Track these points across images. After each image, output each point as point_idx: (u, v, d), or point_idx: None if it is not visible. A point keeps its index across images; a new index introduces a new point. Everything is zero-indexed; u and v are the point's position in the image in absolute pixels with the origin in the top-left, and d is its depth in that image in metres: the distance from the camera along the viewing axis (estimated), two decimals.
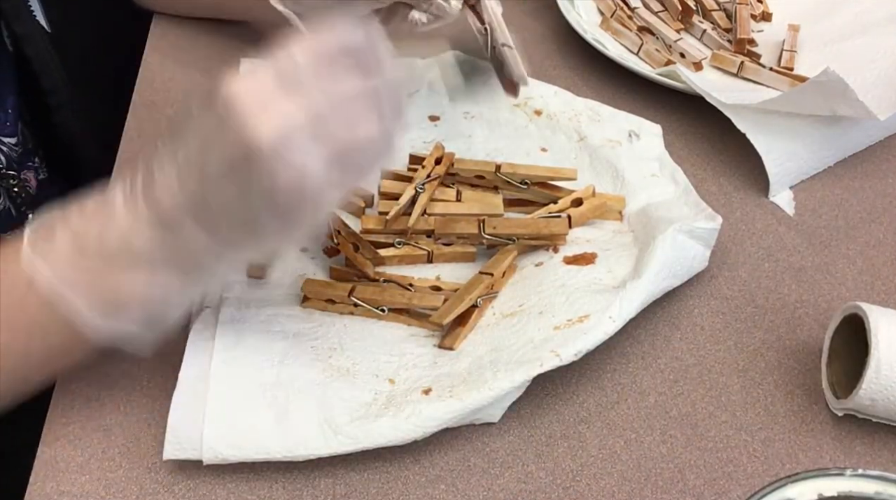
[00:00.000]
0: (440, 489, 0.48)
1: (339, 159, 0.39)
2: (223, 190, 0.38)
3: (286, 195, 0.38)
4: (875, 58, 0.72)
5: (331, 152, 0.38)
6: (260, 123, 0.36)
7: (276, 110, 0.37)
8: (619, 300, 0.51)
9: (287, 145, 0.37)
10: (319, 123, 0.38)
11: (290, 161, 0.37)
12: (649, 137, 0.67)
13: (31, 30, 0.61)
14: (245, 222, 0.40)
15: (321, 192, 0.38)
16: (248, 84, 0.37)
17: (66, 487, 0.47)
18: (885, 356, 0.47)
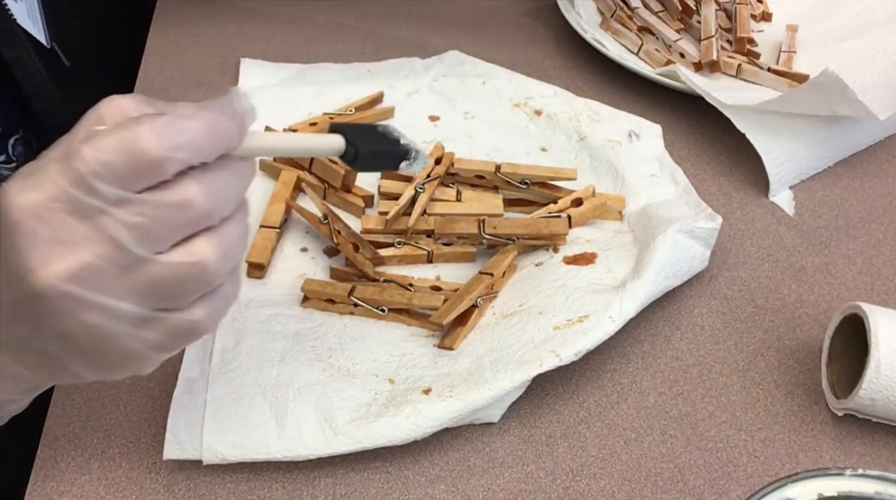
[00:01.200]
0: (440, 489, 0.48)
1: (150, 297, 0.32)
2: (13, 327, 0.33)
3: (84, 340, 0.32)
4: (875, 58, 0.72)
5: (137, 290, 0.32)
6: (45, 258, 0.30)
7: (67, 241, 0.30)
8: (619, 300, 0.51)
9: (80, 286, 0.31)
10: (124, 254, 0.31)
11: (84, 304, 0.31)
12: (649, 137, 0.67)
13: (22, 53, 0.60)
14: (50, 358, 0.34)
15: (131, 335, 0.33)
16: (35, 199, 0.30)
17: (66, 487, 0.47)
18: (885, 356, 0.47)
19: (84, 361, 0.34)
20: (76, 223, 0.31)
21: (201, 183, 0.32)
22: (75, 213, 0.30)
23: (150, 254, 0.32)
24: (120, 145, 0.30)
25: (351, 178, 0.61)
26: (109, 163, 0.30)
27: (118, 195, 0.30)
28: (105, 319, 0.32)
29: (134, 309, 0.32)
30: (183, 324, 0.34)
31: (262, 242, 0.57)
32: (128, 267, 0.31)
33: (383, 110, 0.69)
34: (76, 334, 0.32)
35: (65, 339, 0.32)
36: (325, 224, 0.57)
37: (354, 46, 0.78)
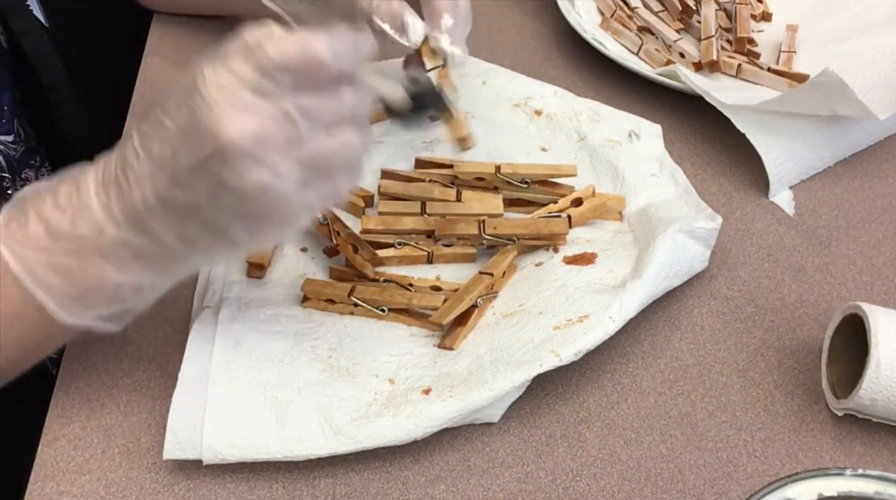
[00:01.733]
0: (440, 489, 0.48)
1: (312, 167, 0.38)
2: (192, 188, 0.38)
3: (254, 197, 0.37)
4: (875, 58, 0.72)
5: (303, 158, 0.38)
6: (232, 121, 0.36)
7: (250, 110, 0.36)
8: (619, 300, 0.51)
9: (258, 147, 0.36)
10: (293, 128, 0.37)
11: (260, 162, 0.36)
12: (649, 137, 0.67)
13: (29, 25, 0.61)
14: (213, 225, 0.39)
15: (290, 198, 0.38)
16: (224, 78, 0.37)
17: (66, 487, 0.47)
18: (885, 356, 0.47)
19: (244, 223, 0.39)
20: (258, 100, 0.36)
21: (352, 88, 0.39)
22: (258, 92, 0.36)
23: (313, 131, 0.38)
24: (299, 48, 0.37)
25: None
26: (289, 60, 0.37)
27: (294, 84, 0.37)
28: (274, 177, 0.37)
29: (300, 174, 0.38)
30: (332, 188, 0.40)
31: None
32: (296, 140, 0.37)
33: None
34: (248, 191, 0.37)
35: (236, 197, 0.37)
36: (325, 225, 0.57)
37: None
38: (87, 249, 0.40)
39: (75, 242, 0.40)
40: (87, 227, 0.40)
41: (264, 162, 0.36)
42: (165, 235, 0.40)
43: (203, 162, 0.37)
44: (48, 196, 0.41)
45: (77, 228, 0.40)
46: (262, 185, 0.37)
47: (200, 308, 0.54)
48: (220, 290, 0.55)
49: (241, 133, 0.36)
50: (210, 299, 0.54)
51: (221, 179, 0.37)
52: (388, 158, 0.65)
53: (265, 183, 0.37)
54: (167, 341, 0.54)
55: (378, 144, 0.66)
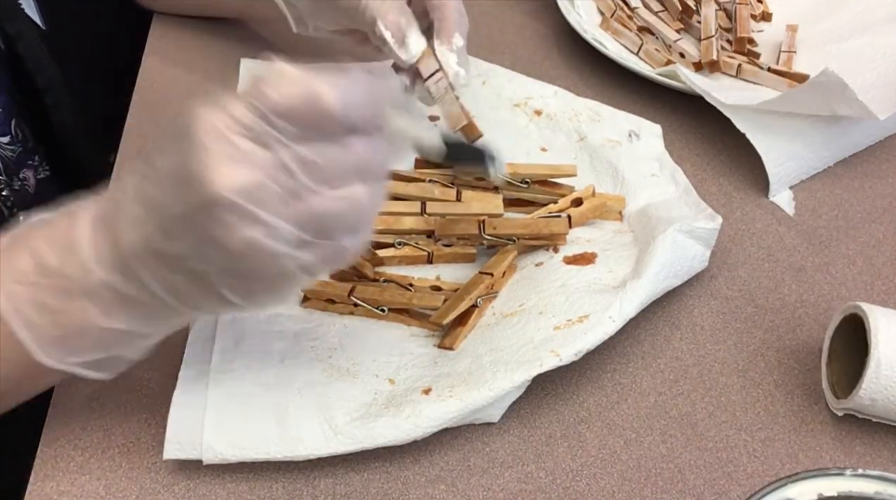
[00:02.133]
0: (440, 489, 0.48)
1: (310, 224, 0.35)
2: (179, 239, 0.35)
3: (243, 255, 0.35)
4: (875, 58, 0.72)
5: (300, 215, 0.35)
6: (223, 171, 0.33)
7: (244, 159, 0.33)
8: (619, 300, 0.51)
9: (250, 201, 0.33)
10: (291, 181, 0.34)
11: (252, 218, 0.34)
12: (649, 137, 0.67)
13: (23, 29, 0.61)
14: (201, 280, 0.37)
15: (284, 256, 0.35)
16: (219, 121, 0.34)
17: (66, 487, 0.47)
18: (885, 356, 0.47)
19: (235, 282, 0.36)
20: (255, 148, 0.34)
21: (365, 140, 0.36)
22: (256, 140, 0.34)
23: (315, 187, 0.35)
24: (303, 93, 0.34)
25: None
26: (292, 106, 0.34)
27: (296, 133, 0.34)
28: (266, 236, 0.34)
29: (296, 234, 0.35)
30: (335, 249, 0.37)
31: None
32: (295, 194, 0.34)
33: None
34: (236, 248, 0.34)
35: (224, 253, 0.35)
36: None
37: None
38: (73, 289, 0.38)
39: (62, 280, 0.38)
40: (74, 266, 0.38)
41: (256, 218, 0.34)
42: (152, 284, 0.37)
43: (190, 212, 0.34)
44: (43, 228, 0.39)
45: (65, 267, 0.38)
46: (252, 243, 0.34)
47: None
48: None
49: (231, 185, 0.33)
50: None
51: (208, 232, 0.34)
52: None
53: (256, 241, 0.34)
54: (167, 341, 0.53)
55: None
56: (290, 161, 0.34)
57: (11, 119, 0.61)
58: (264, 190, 0.34)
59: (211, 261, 0.35)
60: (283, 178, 0.34)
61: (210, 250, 0.35)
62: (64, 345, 0.39)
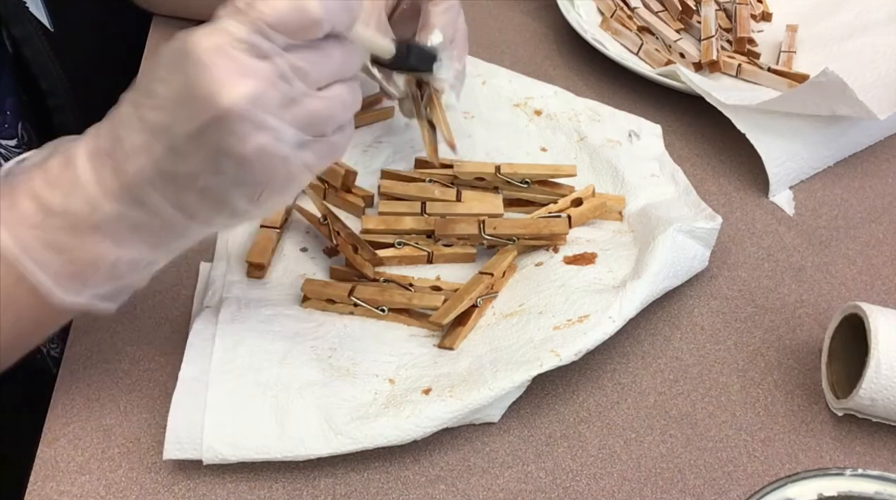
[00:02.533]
0: (440, 489, 0.48)
1: (307, 126, 0.38)
2: (191, 157, 0.37)
3: (256, 161, 0.37)
4: (875, 58, 0.72)
5: (299, 118, 0.38)
6: (230, 84, 0.35)
7: (247, 72, 0.36)
8: (619, 300, 0.51)
9: (257, 109, 0.36)
10: (289, 87, 0.37)
11: (260, 125, 0.36)
12: (649, 137, 0.67)
13: (30, 31, 0.61)
14: (213, 194, 0.38)
15: (290, 159, 0.38)
16: (218, 41, 0.36)
17: (66, 487, 0.47)
18: (885, 356, 0.47)
19: (245, 190, 0.38)
20: (254, 60, 0.36)
21: (342, 45, 0.39)
22: (253, 52, 0.36)
23: (307, 90, 0.38)
24: (291, 3, 0.36)
25: (351, 178, 0.61)
26: (282, 18, 0.36)
27: (287, 43, 0.37)
28: (274, 139, 0.37)
29: (297, 134, 0.38)
30: (328, 146, 0.40)
31: (262, 243, 0.57)
32: (293, 99, 0.37)
33: (383, 110, 0.69)
34: (249, 156, 0.36)
35: (237, 163, 0.37)
36: (325, 225, 0.57)
37: None
38: (82, 225, 0.39)
39: (70, 218, 0.39)
40: (80, 202, 0.39)
41: (264, 125, 0.36)
42: (163, 207, 0.39)
43: (202, 129, 0.36)
44: (38, 172, 0.40)
45: (70, 204, 0.39)
46: (263, 148, 0.36)
47: (200, 308, 0.54)
48: (220, 290, 0.55)
49: (240, 96, 0.35)
50: (210, 299, 0.54)
51: (222, 145, 0.36)
52: (388, 158, 0.65)
53: (266, 146, 0.36)
54: (167, 341, 0.54)
55: (378, 144, 0.66)
56: (286, 69, 0.37)
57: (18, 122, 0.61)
58: (269, 97, 0.36)
59: (223, 173, 0.37)
60: (282, 85, 0.37)
61: (224, 161, 0.37)
62: (78, 280, 0.40)
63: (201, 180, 0.38)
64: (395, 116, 0.69)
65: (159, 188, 0.38)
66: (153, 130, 0.37)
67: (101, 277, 0.40)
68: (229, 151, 0.36)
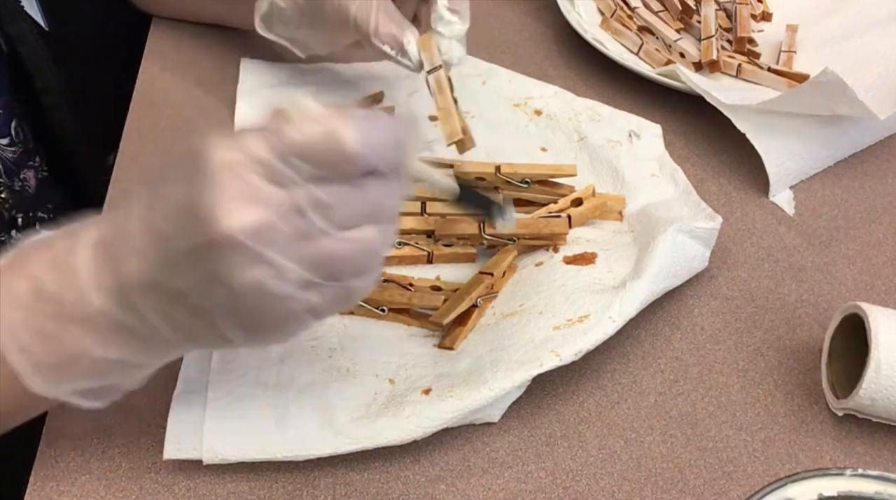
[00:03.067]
0: (440, 489, 0.48)
1: (319, 267, 0.34)
2: (183, 274, 0.34)
3: (248, 295, 0.34)
4: (875, 58, 0.72)
5: (309, 257, 0.34)
6: (233, 210, 0.32)
7: (257, 199, 0.32)
8: (619, 300, 0.51)
9: (259, 242, 0.32)
10: (303, 223, 0.33)
11: (259, 260, 0.33)
12: (649, 137, 0.67)
13: (24, 30, 0.61)
14: (203, 315, 0.35)
15: (290, 299, 0.34)
16: (233, 156, 0.32)
17: (65, 487, 0.47)
18: (885, 356, 0.47)
19: (237, 320, 0.35)
20: (268, 187, 0.32)
21: (380, 183, 0.35)
22: (269, 178, 0.32)
23: (326, 228, 0.34)
24: (323, 132, 0.32)
25: None
26: (312, 146, 0.32)
27: (312, 173, 0.33)
28: (273, 277, 0.33)
29: (304, 275, 0.34)
30: (343, 292, 0.36)
31: None
32: (305, 236, 0.33)
33: (383, 110, 0.69)
34: (241, 288, 0.33)
35: (228, 292, 0.34)
36: None
37: None
38: (69, 316, 0.37)
39: (59, 306, 0.37)
40: (72, 292, 0.36)
41: (264, 259, 0.33)
42: (151, 316, 0.36)
43: (196, 249, 0.33)
44: (44, 251, 0.38)
45: (63, 292, 0.37)
46: (258, 283, 0.33)
47: None
48: None
49: (241, 226, 0.32)
50: None
51: (213, 270, 0.33)
52: None
53: (262, 282, 0.33)
54: None
55: None
56: (304, 202, 0.33)
57: (12, 120, 0.61)
58: (274, 231, 0.33)
59: (214, 298, 0.34)
60: (294, 219, 0.33)
61: (214, 287, 0.34)
62: (58, 372, 0.38)
63: (192, 299, 0.35)
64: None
65: (148, 296, 0.36)
66: (152, 236, 0.35)
67: (83, 372, 0.38)
68: (221, 279, 0.33)
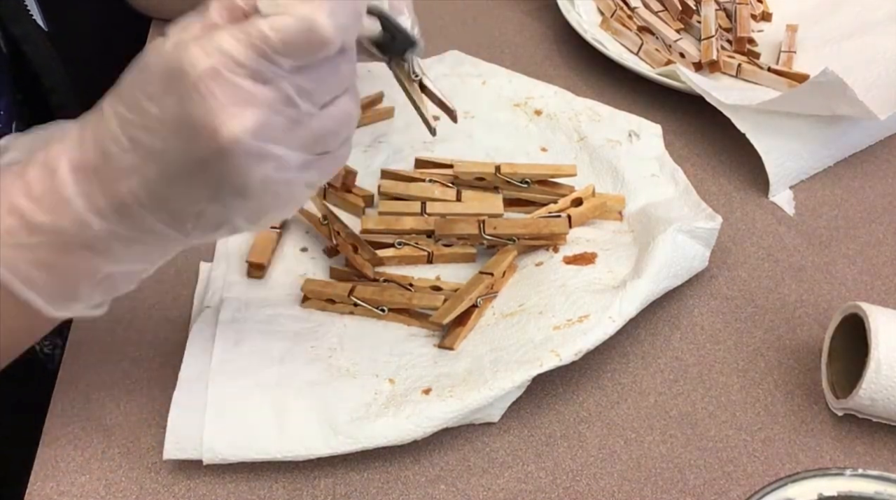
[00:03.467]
0: (440, 489, 0.48)
1: (312, 145, 0.36)
2: (188, 185, 0.35)
3: (260, 192, 0.35)
4: (875, 58, 0.72)
5: (304, 141, 0.36)
6: (231, 117, 0.33)
7: (251, 101, 0.33)
8: (619, 300, 0.51)
9: (261, 140, 0.34)
10: (295, 111, 0.35)
11: (264, 157, 0.34)
12: (649, 137, 0.67)
13: (29, 30, 0.61)
14: (211, 217, 0.37)
15: (293, 182, 0.36)
16: (216, 63, 0.33)
17: (66, 487, 0.47)
18: (885, 356, 0.47)
19: (245, 212, 0.37)
20: (256, 86, 0.33)
21: (346, 57, 0.36)
22: (255, 77, 0.33)
23: (314, 109, 0.36)
24: (298, 24, 0.33)
25: (351, 178, 0.61)
26: (289, 39, 0.33)
27: (293, 65, 0.34)
28: (278, 169, 0.35)
29: (301, 157, 0.36)
30: (332, 160, 0.38)
31: (262, 243, 0.57)
32: (298, 122, 0.35)
33: (383, 110, 0.69)
34: (253, 188, 0.35)
35: (241, 194, 0.35)
36: (325, 225, 0.57)
37: None
38: (72, 243, 0.37)
39: (58, 236, 0.37)
40: (69, 220, 0.36)
41: (268, 155, 0.34)
42: (158, 227, 0.37)
43: (201, 161, 0.34)
44: (18, 183, 0.37)
45: (58, 222, 0.36)
46: (267, 179, 0.35)
47: (200, 308, 0.54)
48: (220, 290, 0.55)
49: (243, 129, 0.33)
50: (210, 299, 0.54)
51: (223, 178, 0.34)
52: (388, 158, 0.65)
53: (270, 176, 0.35)
54: (167, 341, 0.54)
55: (378, 144, 0.66)
56: (291, 92, 0.34)
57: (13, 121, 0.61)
58: (273, 125, 0.34)
59: (224, 203, 0.36)
60: (287, 110, 0.35)
61: (224, 191, 0.35)
62: (69, 296, 0.39)
63: (199, 206, 0.36)
64: (394, 115, 0.70)
65: (153, 211, 0.36)
66: (146, 154, 0.35)
67: (94, 290, 0.39)
68: (231, 183, 0.35)
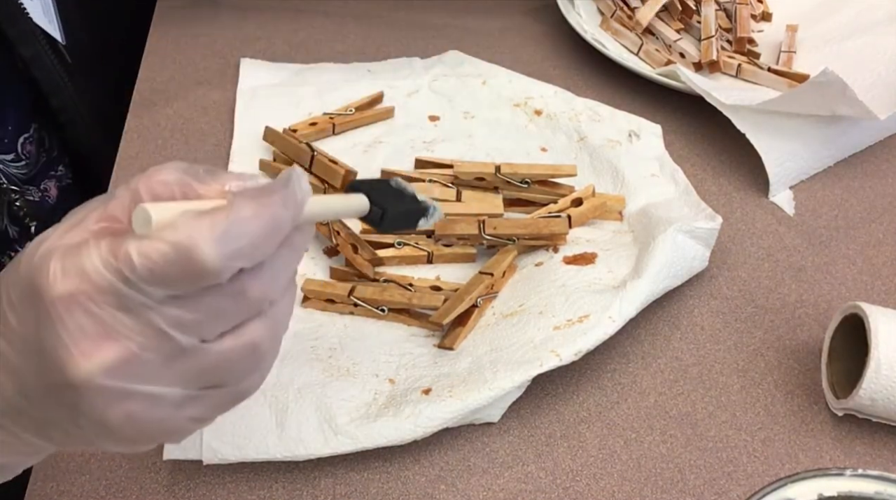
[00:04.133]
0: (440, 489, 0.48)
1: (198, 380, 0.30)
2: (44, 408, 0.30)
3: (125, 428, 0.30)
4: (875, 58, 0.72)
5: (186, 374, 0.30)
6: (85, 350, 0.28)
7: (109, 334, 0.28)
8: (619, 300, 0.51)
9: (120, 379, 0.28)
10: (171, 346, 0.29)
11: (125, 395, 0.29)
12: (649, 137, 0.67)
13: (38, 52, 0.62)
14: (77, 437, 0.31)
15: (174, 419, 0.31)
16: (74, 288, 0.28)
17: (66, 487, 0.47)
18: (885, 356, 0.47)
19: (116, 441, 0.31)
20: (121, 316, 0.28)
21: (256, 276, 0.30)
22: (121, 307, 0.28)
23: (199, 343, 0.29)
24: (174, 254, 0.27)
25: (350, 178, 0.61)
26: (161, 271, 0.27)
27: (167, 294, 0.28)
28: (148, 406, 0.30)
29: (179, 393, 0.30)
30: (230, 397, 0.32)
31: None
32: (174, 356, 0.29)
33: (383, 110, 0.69)
34: (115, 423, 0.29)
35: (102, 426, 0.30)
36: (325, 225, 0.57)
37: (354, 46, 0.78)
38: None
39: None
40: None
41: (133, 393, 0.29)
42: (23, 434, 0.32)
43: (53, 390, 0.29)
44: None
45: None
46: (131, 415, 0.29)
47: None
48: None
49: (97, 367, 0.28)
50: None
51: (79, 411, 0.29)
52: (387, 158, 0.65)
53: (135, 413, 0.29)
54: None
55: (378, 144, 0.66)
56: (163, 326, 0.28)
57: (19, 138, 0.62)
58: (139, 361, 0.28)
59: (85, 430, 0.30)
60: (159, 343, 0.29)
61: (82, 421, 0.30)
62: None
63: (63, 426, 0.31)
64: (394, 115, 0.70)
65: (16, 421, 0.31)
66: (3, 364, 0.30)
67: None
68: (89, 417, 0.29)
